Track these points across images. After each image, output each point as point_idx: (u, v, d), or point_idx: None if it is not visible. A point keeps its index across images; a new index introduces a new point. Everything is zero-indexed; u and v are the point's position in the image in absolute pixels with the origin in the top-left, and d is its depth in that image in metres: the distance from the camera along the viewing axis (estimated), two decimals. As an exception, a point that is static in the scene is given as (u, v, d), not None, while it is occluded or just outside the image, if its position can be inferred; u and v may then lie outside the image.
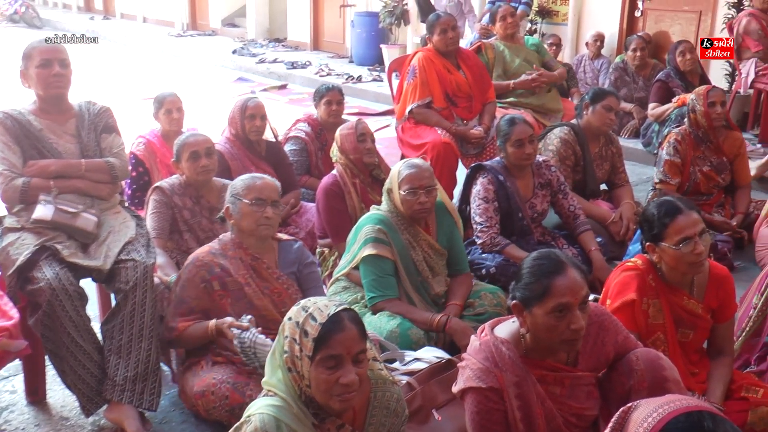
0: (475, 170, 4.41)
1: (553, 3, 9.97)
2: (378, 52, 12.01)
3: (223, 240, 3.28)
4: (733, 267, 4.70)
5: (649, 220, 2.96)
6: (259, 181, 3.25)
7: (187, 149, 3.91)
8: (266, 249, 3.30)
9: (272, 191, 3.25)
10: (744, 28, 7.24)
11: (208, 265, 3.19)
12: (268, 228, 3.22)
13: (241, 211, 3.20)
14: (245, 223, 3.20)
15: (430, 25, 5.53)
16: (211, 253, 3.23)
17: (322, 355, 2.14)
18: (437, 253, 3.76)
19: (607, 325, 2.58)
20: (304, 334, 2.16)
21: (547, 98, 6.27)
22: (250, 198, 3.19)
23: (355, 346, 2.18)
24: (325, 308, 2.20)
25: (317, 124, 5.33)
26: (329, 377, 2.14)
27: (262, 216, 3.18)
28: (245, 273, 3.20)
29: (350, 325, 2.18)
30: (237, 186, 3.26)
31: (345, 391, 2.15)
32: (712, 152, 5.13)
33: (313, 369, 2.15)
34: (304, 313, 2.20)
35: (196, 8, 17.55)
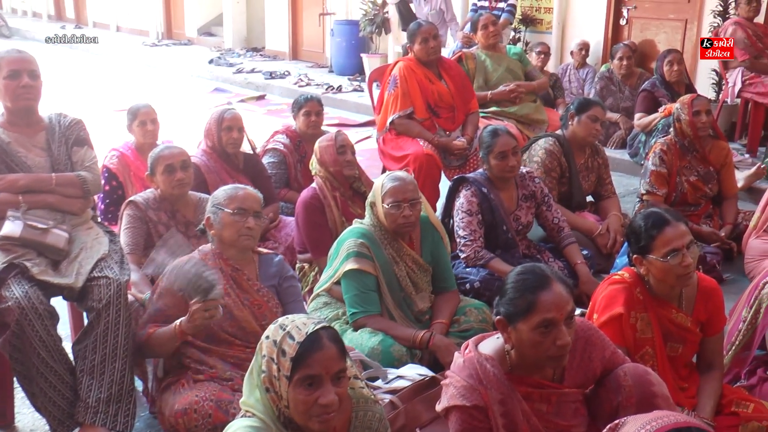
0: (458, 182, 4.43)
1: (536, 11, 10.05)
2: (358, 61, 12.03)
3: (203, 251, 3.28)
4: (723, 279, 4.74)
5: (636, 232, 2.98)
6: (241, 192, 3.27)
7: (161, 162, 3.89)
8: (247, 261, 3.30)
9: (254, 202, 3.27)
10: (731, 36, 7.31)
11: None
12: (250, 239, 3.23)
13: (223, 221, 3.21)
14: (226, 234, 3.21)
15: (411, 34, 5.55)
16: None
17: (300, 375, 2.12)
18: (421, 268, 3.76)
19: (593, 340, 2.58)
20: (282, 353, 2.15)
21: (532, 109, 6.31)
22: (232, 208, 3.20)
23: (335, 366, 2.16)
24: (304, 326, 2.18)
25: (296, 136, 5.32)
26: (308, 398, 2.13)
27: (243, 226, 3.19)
28: (225, 283, 3.18)
29: (329, 343, 2.17)
30: (219, 196, 3.27)
31: (324, 412, 2.13)
32: (699, 162, 5.17)
33: (291, 389, 2.13)
34: (282, 332, 2.18)
35: (172, 17, 17.52)
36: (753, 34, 7.27)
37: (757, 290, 3.30)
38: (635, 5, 9.10)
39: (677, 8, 8.73)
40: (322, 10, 13.17)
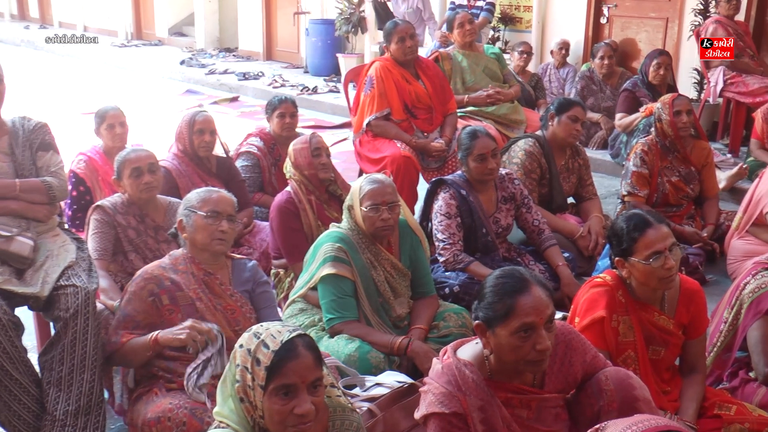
0: (436, 185, 4.44)
1: (516, 9, 10.10)
2: (334, 61, 12.02)
3: (174, 255, 3.27)
4: (705, 280, 4.79)
5: (617, 235, 3.01)
6: (214, 194, 3.27)
7: (128, 165, 3.88)
8: (219, 265, 3.29)
9: (228, 205, 3.27)
10: (712, 35, 7.40)
11: (157, 279, 3.16)
12: (223, 243, 3.22)
13: (195, 224, 3.20)
14: (199, 237, 3.20)
15: (388, 33, 5.56)
16: (161, 267, 3.21)
17: (275, 384, 2.12)
18: (400, 273, 3.77)
19: (574, 344, 2.60)
20: (256, 362, 2.14)
21: (510, 109, 6.33)
22: (206, 210, 3.19)
23: (311, 374, 2.16)
24: (278, 334, 2.18)
25: (270, 139, 5.31)
26: (283, 407, 2.12)
27: (216, 230, 3.18)
28: (197, 288, 3.18)
29: (305, 351, 2.16)
30: (192, 198, 3.27)
31: (300, 422, 2.13)
32: (680, 162, 5.22)
33: (266, 399, 2.13)
34: (256, 340, 2.18)
35: (141, 17, 17.44)
36: (733, 33, 7.36)
37: (738, 291, 3.33)
38: (616, 4, 9.18)
39: (658, 7, 8.82)
40: (297, 9, 13.15)
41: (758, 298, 3.24)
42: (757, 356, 3.20)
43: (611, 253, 3.09)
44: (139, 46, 16.39)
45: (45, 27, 19.55)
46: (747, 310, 3.26)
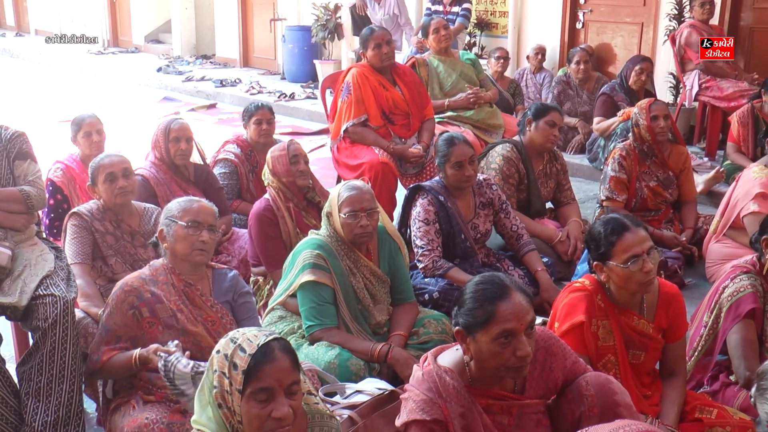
0: (414, 191, 4.44)
1: (492, 15, 10.14)
2: (311, 67, 12.01)
3: (154, 265, 3.25)
4: (685, 284, 4.81)
5: (595, 239, 3.02)
6: (195, 204, 3.25)
7: (102, 171, 3.86)
8: (200, 276, 3.28)
9: (209, 215, 3.25)
10: (685, 40, 7.48)
11: (137, 291, 3.13)
12: (203, 253, 3.20)
13: (176, 234, 3.18)
14: (179, 247, 3.18)
15: (364, 39, 5.56)
16: (141, 278, 3.19)
17: (252, 388, 2.12)
18: (379, 279, 3.77)
19: (554, 350, 2.60)
20: (233, 366, 2.15)
21: (488, 114, 6.34)
22: (186, 220, 3.17)
23: (288, 378, 2.17)
24: (255, 338, 2.19)
25: (247, 146, 5.29)
26: (261, 411, 2.13)
27: (197, 240, 3.17)
28: (177, 299, 3.16)
29: (282, 355, 2.17)
30: (172, 208, 3.25)
31: (279, 426, 2.14)
32: (658, 167, 5.26)
33: (244, 403, 2.13)
34: (233, 345, 2.18)
35: (118, 24, 17.32)
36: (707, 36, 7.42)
37: (717, 294, 3.35)
38: (591, 9, 9.24)
39: (633, 12, 8.88)
40: (273, 15, 13.13)
41: (737, 301, 3.26)
42: (737, 360, 3.22)
43: (590, 258, 3.10)
44: (116, 53, 16.28)
45: (21, 35, 19.40)
46: (726, 313, 3.27)
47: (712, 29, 7.56)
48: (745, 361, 3.18)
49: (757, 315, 3.26)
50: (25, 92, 12.18)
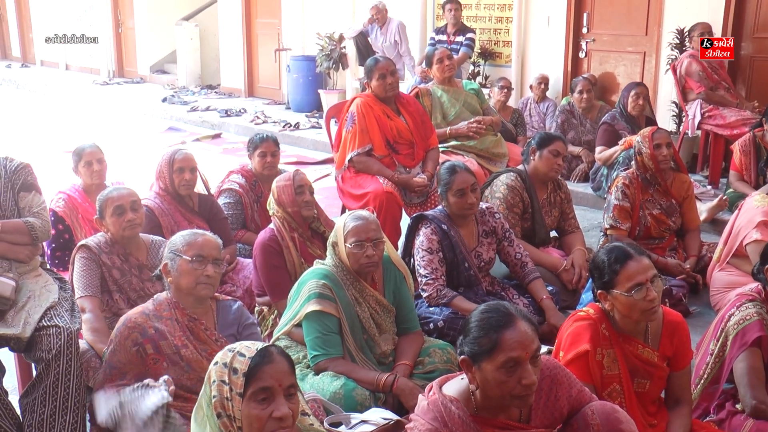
0: (417, 220, 4.46)
1: (495, 45, 10.21)
2: (316, 97, 12.08)
3: (158, 300, 3.24)
4: (689, 312, 4.80)
5: (599, 268, 3.02)
6: (200, 238, 3.25)
7: (110, 204, 3.87)
8: (204, 309, 3.27)
9: (213, 248, 3.25)
10: (686, 70, 7.53)
11: (140, 327, 3.12)
12: (208, 287, 3.20)
13: (180, 269, 3.17)
14: (184, 282, 3.17)
15: (368, 70, 5.60)
16: (144, 314, 3.18)
17: (253, 388, 2.18)
18: (384, 309, 3.77)
19: (560, 379, 2.60)
20: (233, 371, 2.20)
21: (492, 143, 6.37)
22: (191, 255, 3.17)
23: (286, 379, 2.23)
24: (253, 345, 2.27)
25: (251, 176, 5.31)
26: (262, 412, 2.17)
27: (202, 274, 3.16)
28: (181, 335, 3.15)
29: (280, 357, 2.25)
30: (176, 242, 3.24)
31: (279, 426, 2.18)
32: (661, 195, 5.27)
33: (244, 406, 2.18)
34: (231, 353, 2.25)
35: (123, 54, 17.47)
36: (708, 67, 7.48)
37: (723, 322, 3.35)
38: (594, 38, 9.30)
39: (635, 41, 8.95)
40: (278, 45, 13.23)
41: (743, 329, 3.25)
42: (743, 388, 3.21)
43: (593, 286, 3.10)
44: (121, 83, 16.41)
45: (27, 66, 19.57)
46: (733, 341, 3.27)
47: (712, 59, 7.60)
48: (752, 390, 3.17)
49: (763, 343, 3.25)
50: (30, 123, 12.26)
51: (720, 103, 7.40)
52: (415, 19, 10.69)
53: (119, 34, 17.36)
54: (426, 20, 10.77)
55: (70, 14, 18.14)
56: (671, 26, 8.24)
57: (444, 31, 9.61)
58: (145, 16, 16.41)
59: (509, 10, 9.96)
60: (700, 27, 7.63)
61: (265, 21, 13.73)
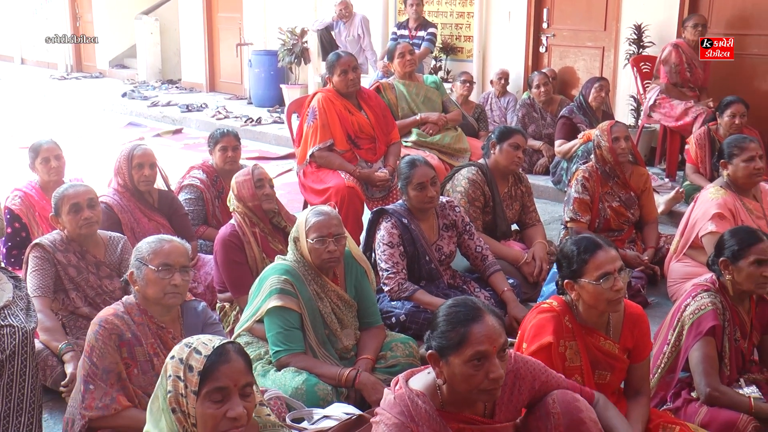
0: (378, 215, 4.45)
1: (457, 39, 10.24)
2: (278, 92, 12.02)
3: (128, 303, 3.13)
4: (647, 303, 4.85)
5: (568, 257, 3.03)
6: (166, 245, 3.11)
7: (67, 201, 3.80)
8: (171, 317, 3.17)
9: (181, 255, 3.12)
10: (665, 57, 7.57)
11: (118, 329, 3.01)
12: (176, 297, 3.09)
13: (147, 278, 3.06)
14: (151, 292, 3.06)
15: (330, 65, 5.57)
16: (118, 315, 3.06)
17: (208, 387, 2.16)
18: (346, 304, 3.75)
19: (522, 373, 2.61)
20: (189, 369, 2.18)
21: (453, 138, 6.40)
22: (156, 264, 3.05)
23: (242, 378, 2.21)
24: (210, 342, 2.24)
25: (213, 171, 5.25)
26: (216, 412, 2.16)
27: (169, 284, 3.05)
28: (153, 342, 3.07)
29: (236, 356, 2.23)
30: (142, 249, 3.12)
31: (233, 426, 2.17)
32: (620, 188, 5.32)
33: (199, 405, 2.16)
34: (188, 349, 2.22)
35: (82, 48, 17.22)
36: (686, 61, 7.50)
37: (680, 312, 3.40)
38: (554, 33, 9.37)
39: (594, 36, 9.03)
40: (239, 40, 13.14)
41: (698, 319, 3.31)
42: (698, 376, 3.27)
43: (559, 277, 3.11)
44: (80, 78, 16.18)
45: (-21, 60, 19.22)
46: (688, 331, 3.33)
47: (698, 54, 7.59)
48: (706, 378, 3.24)
49: (717, 332, 3.31)
50: (-15, 119, 12.03)
51: (675, 97, 7.50)
52: (377, 14, 10.69)
53: (77, 28, 17.10)
54: (388, 15, 10.78)
55: (25, 7, 17.83)
56: (629, 22, 8.34)
57: (406, 26, 9.60)
58: (103, 10, 16.21)
59: (470, 5, 10.00)
60: (695, 18, 7.57)
61: (226, 15, 13.63)
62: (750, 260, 3.32)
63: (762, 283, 3.35)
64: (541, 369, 2.67)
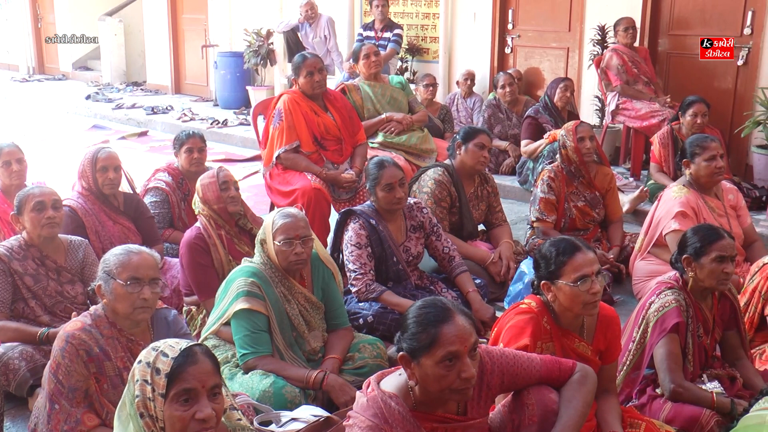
0: (346, 216, 4.44)
1: (423, 41, 10.26)
2: (244, 94, 11.95)
3: (96, 315, 3.03)
4: (613, 301, 4.90)
5: (546, 258, 3.04)
6: (134, 257, 3.00)
7: (31, 200, 3.76)
8: (141, 329, 3.10)
9: (150, 268, 3.02)
10: (606, 63, 7.73)
11: (86, 345, 2.93)
12: (146, 311, 3.01)
13: (115, 293, 2.96)
14: (120, 307, 2.98)
15: (296, 67, 5.55)
16: (86, 330, 2.96)
17: (176, 389, 2.16)
18: (313, 306, 3.75)
19: (490, 368, 2.62)
20: (156, 371, 2.17)
21: (420, 139, 6.42)
22: (125, 278, 2.96)
23: (210, 380, 2.20)
24: (176, 344, 2.23)
25: (178, 174, 5.21)
26: (184, 414, 2.15)
27: (138, 298, 2.96)
28: (123, 356, 2.99)
29: (203, 358, 2.22)
30: (110, 261, 3.02)
31: (201, 427, 2.16)
32: (585, 187, 5.37)
33: (167, 407, 2.15)
34: (155, 352, 2.21)
35: (44, 50, 16.99)
36: (629, 60, 7.66)
37: (644, 310, 3.45)
38: (519, 34, 9.42)
39: (559, 37, 9.09)
40: (205, 41, 13.05)
41: (663, 316, 3.36)
42: (663, 373, 3.32)
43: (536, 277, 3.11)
44: (42, 80, 15.97)
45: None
46: (653, 328, 3.37)
47: (637, 52, 7.79)
48: (670, 374, 3.29)
49: (680, 329, 3.36)
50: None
51: (634, 96, 7.61)
52: (343, 15, 10.67)
53: (38, 29, 16.87)
54: (354, 16, 10.77)
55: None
56: (593, 23, 8.41)
57: (372, 27, 9.60)
58: (66, 11, 15.99)
59: (436, 6, 10.02)
60: (624, 21, 7.78)
61: (191, 17, 13.53)
62: (712, 257, 3.37)
63: (723, 280, 3.40)
64: (510, 362, 2.67)
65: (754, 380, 3.49)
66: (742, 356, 3.62)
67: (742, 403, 3.18)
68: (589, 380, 2.74)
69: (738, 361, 3.60)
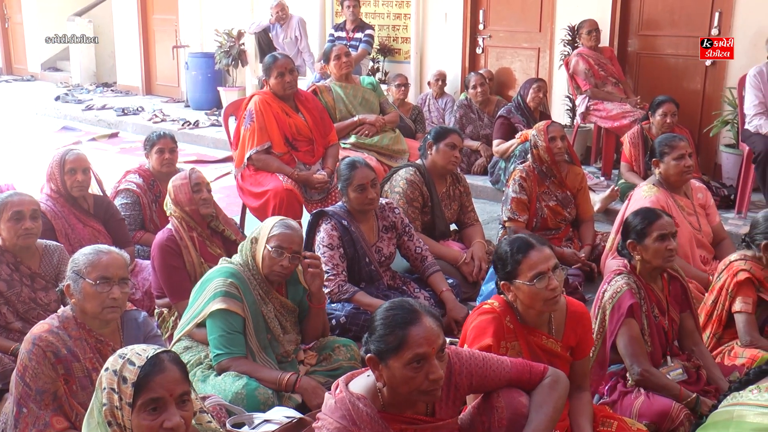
0: (318, 217, 4.43)
1: (394, 41, 10.25)
2: (215, 95, 11.88)
3: (64, 317, 3.00)
4: (585, 300, 4.91)
5: (501, 258, 3.05)
6: (104, 257, 2.99)
7: (9, 208, 3.69)
8: (111, 329, 3.07)
9: (119, 267, 3.00)
10: (573, 69, 7.79)
11: (53, 347, 2.88)
12: (115, 311, 2.99)
13: (84, 292, 2.94)
14: (89, 307, 2.96)
15: (267, 67, 5.52)
16: (53, 332, 2.93)
17: (143, 399, 2.13)
18: (288, 309, 3.74)
19: (458, 369, 2.62)
20: (123, 380, 2.15)
21: (391, 140, 6.41)
22: (94, 277, 2.94)
23: (178, 388, 2.18)
24: (144, 352, 2.20)
25: (149, 175, 5.16)
26: (152, 423, 2.13)
27: (108, 297, 2.94)
28: (92, 357, 2.96)
29: (171, 365, 2.19)
30: (79, 261, 3.00)
31: None
32: (557, 187, 5.40)
33: (134, 417, 2.13)
34: (122, 360, 2.19)
35: (11, 50, 16.77)
36: (596, 63, 7.72)
37: (599, 300, 3.52)
38: (490, 35, 9.45)
39: (530, 38, 9.13)
40: (176, 42, 12.95)
41: (617, 301, 3.43)
42: (628, 359, 3.38)
43: (497, 278, 3.12)
44: (10, 81, 15.76)
45: None
46: (610, 315, 3.43)
47: (602, 53, 7.86)
48: (636, 359, 3.36)
49: (635, 310, 3.42)
50: None
51: (603, 98, 7.66)
52: (314, 16, 10.64)
53: (6, 29, 16.65)
54: (325, 17, 10.74)
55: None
56: (563, 23, 8.45)
57: (343, 28, 9.58)
58: (34, 11, 15.79)
59: (407, 7, 10.02)
60: (587, 24, 7.88)
61: (162, 17, 13.42)
62: (654, 237, 3.47)
63: (668, 257, 3.50)
64: (479, 363, 2.66)
65: (714, 371, 3.56)
66: (699, 341, 3.69)
67: (707, 402, 3.22)
68: (560, 385, 2.73)
69: (696, 347, 3.66)
